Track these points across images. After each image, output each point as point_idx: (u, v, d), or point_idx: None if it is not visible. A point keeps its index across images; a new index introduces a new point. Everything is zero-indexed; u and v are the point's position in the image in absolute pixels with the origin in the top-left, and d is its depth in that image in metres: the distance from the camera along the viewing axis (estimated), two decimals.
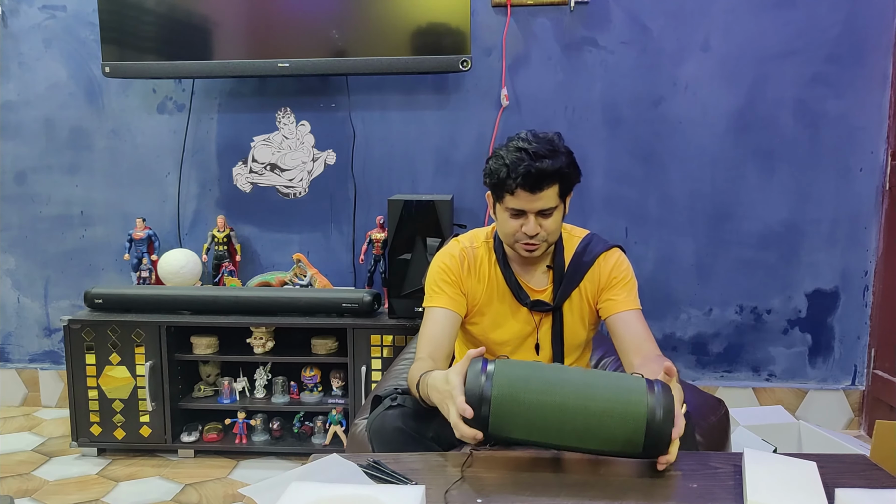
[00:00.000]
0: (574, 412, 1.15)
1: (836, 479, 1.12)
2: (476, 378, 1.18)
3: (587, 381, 1.19)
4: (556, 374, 1.20)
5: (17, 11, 2.80)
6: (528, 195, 1.47)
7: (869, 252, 2.69)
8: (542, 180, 1.45)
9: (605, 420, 1.15)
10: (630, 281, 1.61)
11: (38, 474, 2.42)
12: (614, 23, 2.64)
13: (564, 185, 1.50)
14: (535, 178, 1.44)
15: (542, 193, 1.47)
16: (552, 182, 1.47)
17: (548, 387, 1.17)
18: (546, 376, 1.19)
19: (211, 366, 2.67)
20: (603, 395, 1.16)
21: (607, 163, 2.71)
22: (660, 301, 2.76)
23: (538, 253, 1.55)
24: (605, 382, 1.18)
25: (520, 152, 1.46)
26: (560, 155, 1.48)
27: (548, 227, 1.51)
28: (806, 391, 2.76)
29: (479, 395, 1.16)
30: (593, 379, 1.19)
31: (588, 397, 1.16)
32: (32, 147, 2.87)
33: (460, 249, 1.62)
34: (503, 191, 1.49)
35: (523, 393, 1.16)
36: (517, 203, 1.48)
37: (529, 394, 1.16)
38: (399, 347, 2.43)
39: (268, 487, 1.15)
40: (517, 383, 1.17)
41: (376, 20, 2.54)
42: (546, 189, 1.47)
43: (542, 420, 1.16)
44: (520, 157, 1.45)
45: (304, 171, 2.81)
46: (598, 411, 1.15)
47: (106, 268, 2.92)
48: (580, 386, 1.17)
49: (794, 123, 2.64)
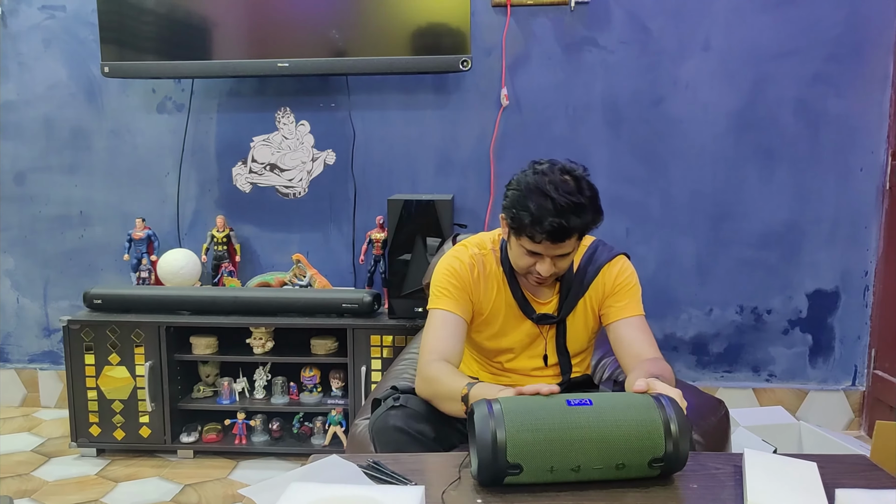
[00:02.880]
0: (587, 468, 1.14)
1: (836, 480, 1.12)
2: (486, 453, 1.11)
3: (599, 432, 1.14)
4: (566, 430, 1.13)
5: (17, 11, 2.79)
6: (550, 245, 1.43)
7: (869, 252, 2.68)
8: (567, 235, 1.42)
9: (620, 469, 1.15)
10: (633, 287, 1.59)
11: (37, 475, 2.41)
12: (614, 22, 2.64)
13: (585, 232, 1.47)
14: (559, 233, 1.40)
15: (563, 244, 1.44)
16: (575, 234, 1.44)
17: (560, 448, 1.12)
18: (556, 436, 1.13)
19: (210, 366, 2.66)
20: (617, 445, 1.13)
21: (608, 163, 2.71)
22: (660, 301, 2.76)
23: (547, 284, 1.56)
24: (617, 430, 1.14)
25: (545, 198, 1.39)
26: (587, 209, 1.41)
27: (561, 266, 1.50)
28: (806, 391, 2.76)
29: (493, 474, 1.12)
30: (605, 429, 1.14)
31: (601, 452, 1.13)
32: (32, 147, 2.87)
33: (470, 256, 1.59)
34: (523, 234, 1.44)
35: (535, 462, 1.12)
36: (536, 249, 1.45)
37: (541, 462, 1.12)
38: (399, 348, 2.43)
39: (267, 488, 1.15)
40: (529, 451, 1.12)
41: (376, 20, 2.54)
42: (568, 240, 1.43)
43: (554, 478, 1.14)
44: (545, 208, 1.38)
45: (304, 171, 2.81)
46: (612, 464, 1.14)
47: (105, 268, 2.91)
48: (592, 441, 1.13)
49: (795, 123, 2.64)
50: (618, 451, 1.14)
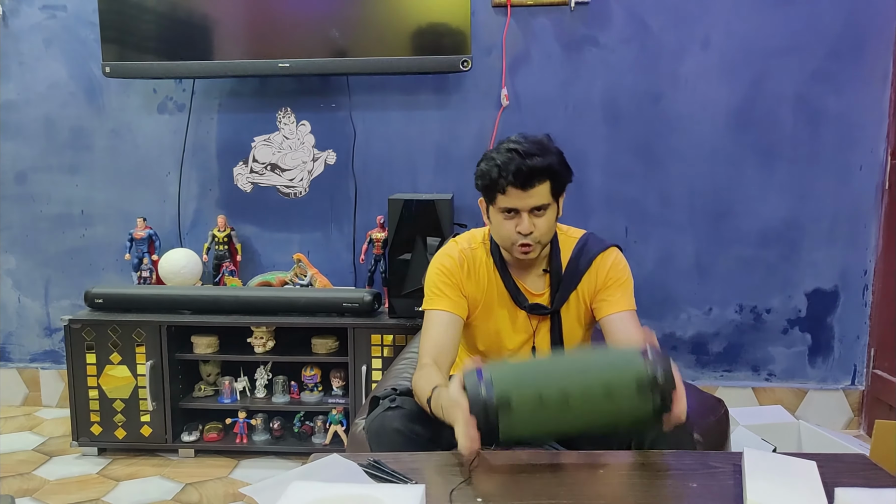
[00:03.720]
0: (577, 395, 1.15)
1: (835, 479, 1.12)
2: (475, 389, 1.16)
3: (582, 362, 1.20)
4: (550, 365, 1.21)
5: (18, 11, 2.80)
6: (520, 192, 1.47)
7: (869, 251, 2.69)
8: (533, 177, 1.47)
9: (608, 394, 1.15)
10: (626, 281, 1.60)
11: (38, 474, 2.42)
12: (614, 21, 2.64)
13: (556, 183, 1.51)
14: (526, 175, 1.46)
15: (533, 190, 1.48)
16: (543, 179, 1.48)
17: (546, 379, 1.17)
18: (542, 369, 1.20)
19: (211, 365, 2.67)
20: (600, 371, 1.17)
21: (607, 161, 2.71)
22: (659, 300, 2.76)
23: (533, 255, 1.55)
24: (599, 359, 1.20)
25: (510, 152, 1.47)
26: (550, 153, 1.49)
27: (541, 227, 1.51)
28: (806, 391, 2.77)
29: (483, 406, 1.15)
30: (587, 359, 1.21)
31: (587, 377, 1.17)
32: (33, 147, 2.88)
33: (459, 251, 1.62)
34: (495, 191, 1.50)
35: (524, 391, 1.16)
36: (509, 202, 1.49)
37: (530, 389, 1.16)
38: (399, 347, 2.43)
39: (268, 487, 1.15)
40: (516, 383, 1.17)
41: (377, 20, 2.54)
42: (537, 186, 1.48)
43: (547, 413, 1.15)
44: (510, 157, 1.47)
45: (305, 171, 2.81)
46: (599, 388, 1.15)
47: (106, 267, 2.92)
48: (576, 369, 1.19)
49: (794, 121, 2.64)
50: (602, 370, 1.17)
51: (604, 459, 1.27)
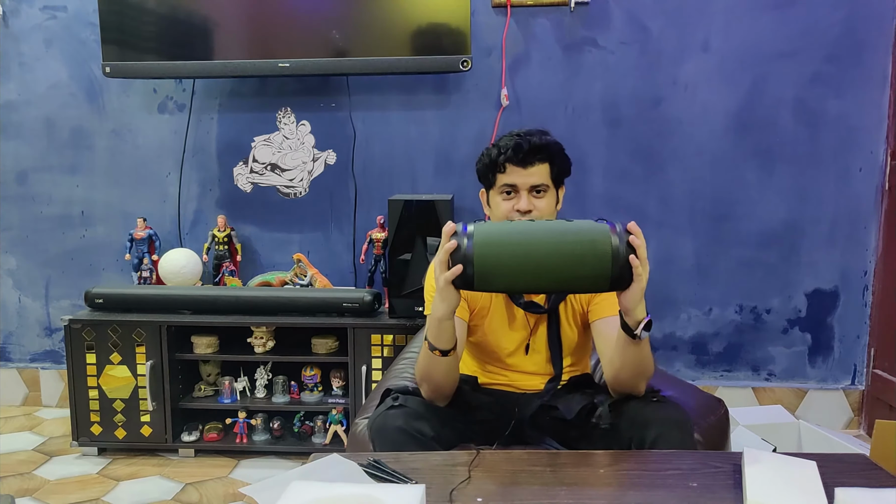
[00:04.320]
0: (548, 254, 1.26)
1: (835, 479, 1.12)
2: (458, 239, 1.29)
3: (557, 227, 1.30)
4: (528, 225, 1.32)
5: (18, 11, 2.80)
6: (520, 170, 1.51)
7: (868, 252, 2.69)
8: (533, 154, 1.51)
9: (575, 254, 1.26)
10: None
11: (38, 474, 2.42)
12: (614, 23, 2.65)
13: (554, 167, 1.54)
14: (526, 151, 1.50)
15: (532, 168, 1.51)
16: (542, 158, 1.52)
17: (522, 236, 1.28)
18: (519, 228, 1.31)
19: (211, 365, 2.67)
20: (572, 235, 1.28)
21: (607, 163, 2.72)
22: (659, 301, 2.76)
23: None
24: (573, 226, 1.30)
25: (509, 136, 1.55)
26: (549, 135, 1.55)
27: (540, 207, 1.53)
28: (805, 391, 2.77)
29: (462, 254, 1.27)
30: (562, 225, 1.31)
31: (559, 239, 1.27)
32: (33, 147, 2.88)
33: None
34: (495, 170, 1.54)
35: (501, 246, 1.27)
36: (508, 178, 1.52)
37: (507, 246, 1.27)
38: (399, 347, 2.43)
39: (268, 487, 1.15)
40: (495, 238, 1.28)
41: (376, 20, 2.54)
42: (537, 164, 1.52)
43: (520, 266, 1.27)
44: (509, 138, 1.54)
45: (305, 171, 2.81)
46: (568, 248, 1.26)
47: (107, 268, 2.92)
48: (551, 231, 1.29)
49: (794, 123, 2.65)
50: (573, 232, 1.28)
51: (604, 459, 1.27)
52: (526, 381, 1.62)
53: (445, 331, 1.39)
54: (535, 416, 1.56)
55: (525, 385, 1.62)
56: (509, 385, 1.63)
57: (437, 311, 1.36)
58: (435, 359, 1.41)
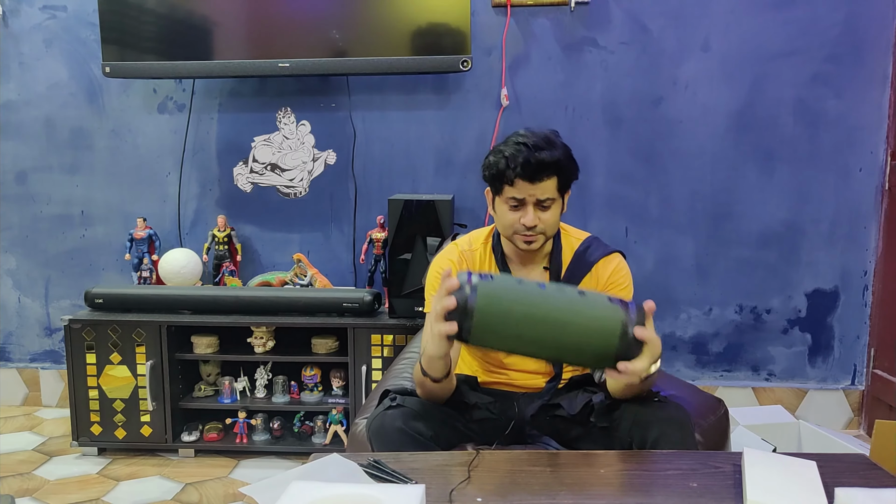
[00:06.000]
0: (554, 328, 1.20)
1: (835, 479, 1.12)
2: (458, 295, 1.20)
3: (568, 299, 1.22)
4: (536, 298, 1.22)
5: (18, 11, 2.80)
6: (528, 185, 1.49)
7: (868, 252, 2.69)
8: (541, 170, 1.48)
9: (583, 337, 1.20)
10: (626, 288, 1.61)
11: (38, 474, 2.42)
12: (614, 23, 2.64)
13: (562, 178, 1.52)
14: (535, 167, 1.47)
15: (540, 184, 1.49)
16: (551, 173, 1.49)
17: (529, 309, 1.20)
18: (527, 299, 1.21)
19: (211, 365, 2.67)
20: (583, 315, 1.21)
21: (607, 163, 2.72)
22: (660, 301, 2.72)
23: (536, 246, 1.56)
24: (585, 303, 1.22)
25: (518, 145, 1.49)
26: (558, 148, 1.51)
27: (546, 220, 1.52)
28: (805, 391, 2.77)
29: (463, 306, 1.19)
30: (573, 298, 1.23)
31: (569, 317, 1.20)
32: (33, 147, 2.88)
33: (459, 253, 1.63)
34: (502, 182, 1.51)
35: (506, 305, 1.20)
36: (516, 192, 1.50)
37: (510, 315, 1.20)
38: (399, 347, 2.43)
39: (268, 487, 1.15)
40: (500, 296, 1.20)
41: (376, 20, 2.54)
42: (545, 180, 1.49)
43: (519, 337, 1.21)
44: (518, 149, 1.48)
45: (305, 171, 2.81)
46: (576, 329, 1.20)
47: (107, 267, 2.92)
48: (562, 304, 1.21)
49: (794, 123, 2.65)
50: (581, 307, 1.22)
51: (604, 459, 1.27)
52: (526, 380, 1.62)
53: (437, 365, 1.38)
54: (535, 416, 1.56)
55: (525, 385, 1.62)
56: (509, 385, 1.63)
57: (429, 351, 1.35)
58: (428, 380, 1.41)
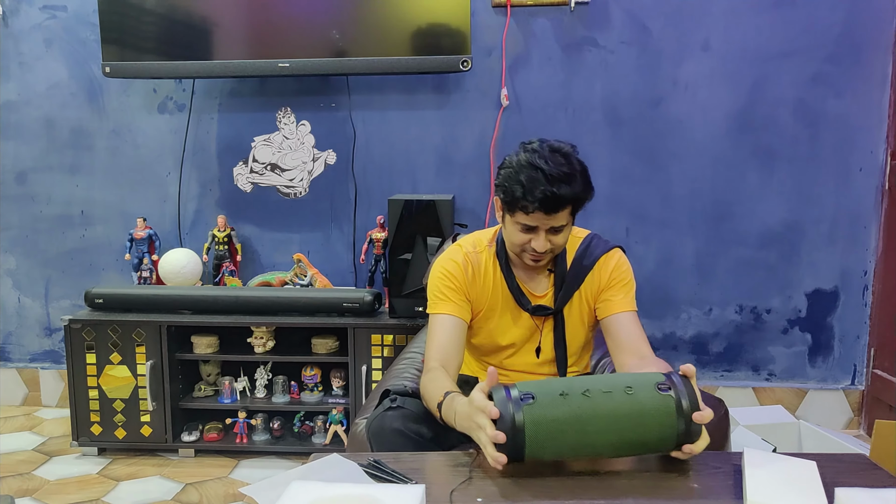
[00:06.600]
0: (609, 435, 1.16)
1: (835, 479, 1.12)
2: (504, 406, 1.15)
3: (615, 404, 1.16)
4: (584, 402, 1.16)
5: (18, 11, 2.80)
6: (543, 216, 1.46)
7: (868, 252, 2.69)
8: (559, 205, 1.44)
9: (641, 436, 1.16)
10: (629, 282, 1.61)
11: (38, 474, 2.42)
12: (614, 23, 2.64)
13: (577, 205, 1.50)
14: (552, 203, 1.43)
15: (556, 215, 1.46)
16: (567, 205, 1.47)
17: (580, 421, 1.15)
18: (574, 404, 1.16)
19: (211, 365, 2.67)
20: (636, 417, 1.16)
21: (608, 163, 2.72)
22: (660, 300, 2.76)
23: (543, 264, 1.56)
24: (633, 403, 1.16)
25: (535, 171, 1.43)
26: (576, 178, 1.45)
27: (557, 242, 1.51)
28: (806, 391, 2.77)
29: (511, 437, 1.14)
30: (621, 400, 1.17)
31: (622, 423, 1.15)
32: (33, 147, 2.88)
33: (464, 255, 1.61)
34: (517, 209, 1.47)
35: (556, 426, 1.14)
36: (530, 221, 1.47)
37: (563, 427, 1.15)
38: (399, 347, 2.43)
39: (268, 487, 1.15)
40: (548, 417, 1.15)
41: (376, 20, 2.54)
42: (561, 211, 1.46)
43: (576, 444, 1.16)
44: (535, 178, 1.42)
45: (305, 171, 2.81)
46: (632, 430, 1.16)
47: (106, 267, 2.92)
48: (611, 409, 1.16)
49: (794, 123, 2.65)
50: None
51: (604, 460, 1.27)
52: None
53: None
54: None
55: None
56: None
57: (458, 427, 1.28)
58: (438, 414, 1.37)
